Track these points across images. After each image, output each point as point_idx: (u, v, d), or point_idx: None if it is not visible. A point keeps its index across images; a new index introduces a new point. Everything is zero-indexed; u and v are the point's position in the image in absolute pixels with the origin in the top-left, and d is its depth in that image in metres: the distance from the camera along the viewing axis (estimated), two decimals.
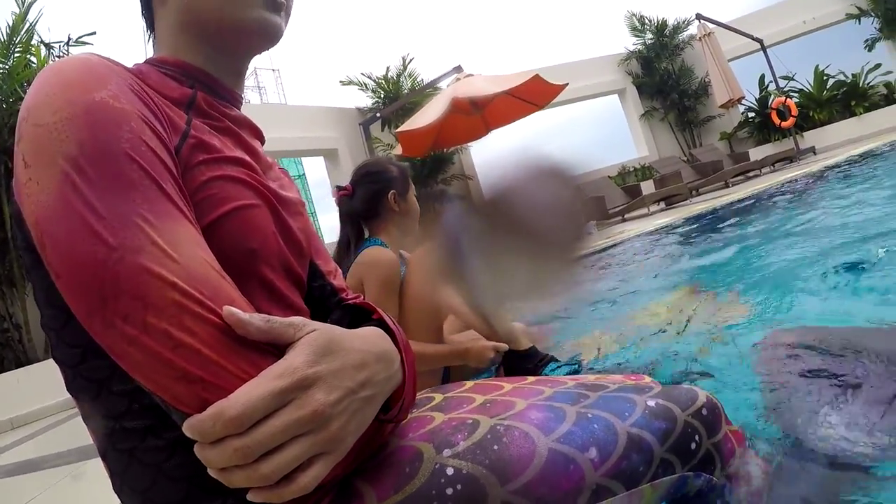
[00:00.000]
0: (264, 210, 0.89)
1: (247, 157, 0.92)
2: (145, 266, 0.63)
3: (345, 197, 2.61)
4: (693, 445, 0.93)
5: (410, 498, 0.79)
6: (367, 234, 2.61)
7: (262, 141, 1.07)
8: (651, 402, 0.96)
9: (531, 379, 1.15)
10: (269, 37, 0.99)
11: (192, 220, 0.74)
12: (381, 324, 0.92)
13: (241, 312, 0.66)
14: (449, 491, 0.78)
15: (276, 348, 0.68)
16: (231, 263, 0.75)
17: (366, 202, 2.58)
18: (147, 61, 0.95)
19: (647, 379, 1.12)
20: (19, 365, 8.94)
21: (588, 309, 3.94)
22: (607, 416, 0.92)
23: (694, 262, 4.77)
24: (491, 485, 0.79)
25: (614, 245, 7.76)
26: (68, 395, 0.82)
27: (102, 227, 0.64)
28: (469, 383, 1.17)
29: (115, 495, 0.82)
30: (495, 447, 0.84)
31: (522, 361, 2.46)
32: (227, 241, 0.80)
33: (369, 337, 0.79)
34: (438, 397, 1.10)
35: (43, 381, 7.79)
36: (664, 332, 2.87)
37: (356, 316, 1.04)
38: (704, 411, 0.98)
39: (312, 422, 0.62)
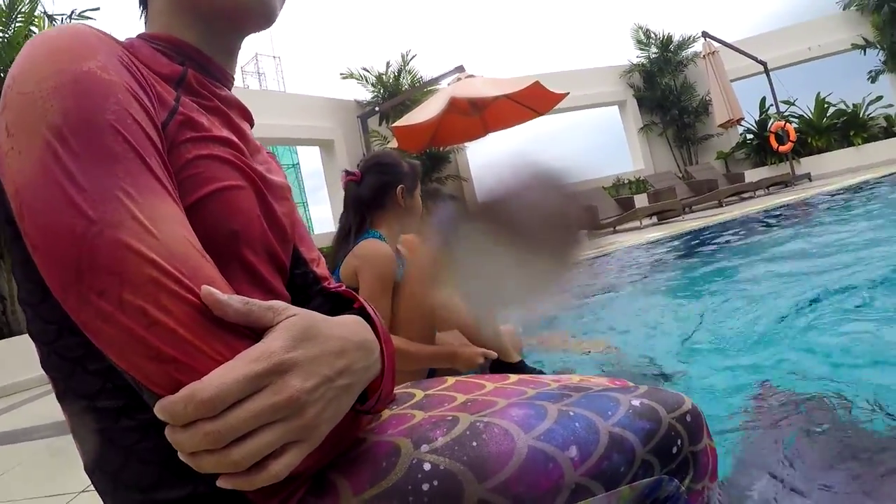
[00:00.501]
0: (249, 192, 0.87)
1: (234, 138, 0.90)
2: (124, 241, 0.61)
3: (352, 182, 2.59)
4: (675, 449, 0.92)
5: (386, 492, 0.77)
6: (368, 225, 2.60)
7: (251, 123, 1.05)
8: (636, 402, 0.94)
9: (514, 378, 1.14)
10: (263, 18, 0.97)
11: (175, 198, 0.72)
12: (362, 312, 0.90)
13: (219, 293, 0.64)
14: (425, 486, 0.77)
15: (253, 332, 0.66)
16: (213, 245, 0.73)
17: (373, 191, 2.55)
18: (139, 36, 0.93)
19: (631, 385, 1.09)
20: (2, 336, 8.94)
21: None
22: (590, 414, 0.90)
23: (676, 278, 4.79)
24: (468, 481, 0.77)
25: (601, 256, 7.78)
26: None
27: (83, 199, 0.62)
28: (450, 380, 1.16)
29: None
30: (474, 443, 0.82)
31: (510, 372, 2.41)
32: (209, 221, 0.78)
33: (349, 325, 0.77)
34: (419, 394, 1.09)
35: (25, 355, 7.67)
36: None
37: (337, 304, 1.02)
38: (689, 417, 0.96)
39: (287, 408, 0.60)
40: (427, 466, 0.79)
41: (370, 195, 2.55)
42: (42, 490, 2.77)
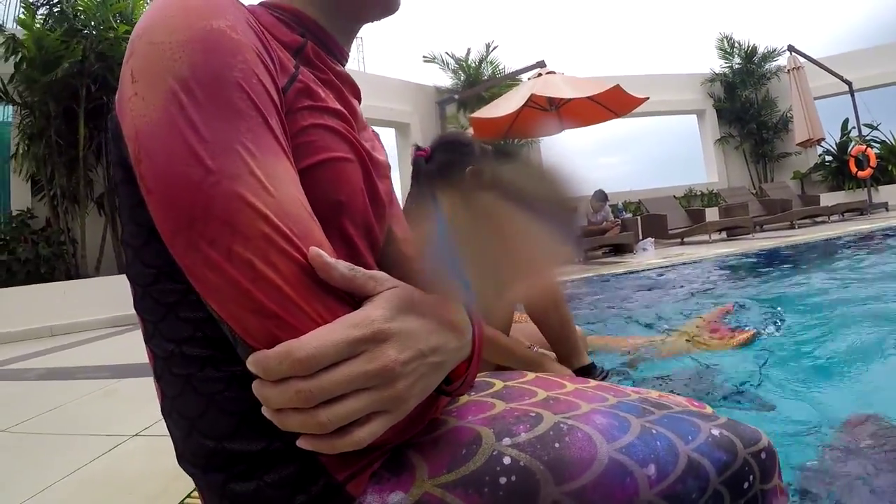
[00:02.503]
0: (356, 166, 0.88)
1: (346, 112, 0.91)
2: (240, 194, 0.63)
3: (421, 158, 2.52)
4: (746, 485, 0.90)
5: (462, 480, 0.76)
6: None
7: (360, 100, 1.06)
8: (715, 431, 0.92)
9: (593, 383, 1.12)
10: (393, 9, 1.01)
11: (291, 160, 0.73)
12: None
13: (326, 256, 0.65)
14: (503, 480, 0.76)
15: (353, 299, 0.67)
16: (317, 212, 0.74)
17: (441, 168, 2.46)
18: (261, 4, 0.95)
19: (710, 409, 1.09)
20: (69, 278, 9.30)
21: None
22: (671, 435, 0.89)
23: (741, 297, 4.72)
24: (546, 482, 0.77)
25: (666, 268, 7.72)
26: (110, 314, 0.81)
27: (203, 149, 0.63)
28: (530, 375, 1.14)
29: (159, 415, 0.84)
30: (556, 445, 0.81)
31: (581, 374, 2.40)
32: (317, 188, 0.78)
33: (446, 304, 0.77)
34: (498, 384, 1.07)
35: (88, 297, 8.05)
36: None
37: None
38: (764, 455, 0.93)
39: (379, 377, 0.61)
40: (507, 460, 0.78)
41: (438, 173, 2.46)
42: (92, 429, 2.84)
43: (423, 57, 16.37)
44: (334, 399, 0.59)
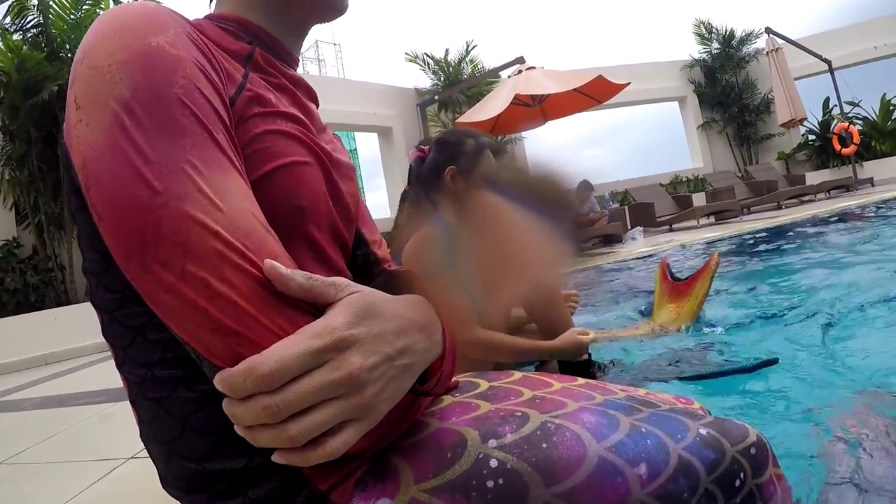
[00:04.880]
0: (316, 168, 0.87)
1: (301, 115, 0.91)
2: (189, 213, 0.62)
3: (419, 160, 2.49)
4: (737, 482, 0.89)
5: (449, 484, 0.76)
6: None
7: (317, 103, 1.06)
8: (703, 431, 0.91)
9: (581, 381, 1.11)
10: (341, 10, 1.01)
11: (242, 172, 0.72)
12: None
13: (282, 267, 0.64)
14: (490, 483, 0.76)
15: (315, 308, 0.66)
16: (278, 220, 0.74)
17: (429, 170, 2.42)
18: (206, 17, 0.95)
19: (697, 405, 1.09)
20: (59, 304, 9.26)
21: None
22: (661, 434, 0.88)
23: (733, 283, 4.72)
24: (534, 484, 0.76)
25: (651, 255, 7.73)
26: (103, 339, 0.81)
27: (149, 170, 0.63)
28: (516, 374, 1.12)
29: (141, 442, 0.83)
30: (544, 445, 0.80)
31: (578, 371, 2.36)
32: (276, 196, 0.79)
33: (412, 304, 0.77)
34: (483, 384, 1.05)
35: (80, 322, 7.99)
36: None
37: (398, 285, 0.98)
38: (753, 450, 0.93)
39: (346, 385, 0.60)
40: (493, 463, 0.77)
41: (426, 175, 2.42)
42: (90, 454, 2.80)
43: (406, 55, 16.41)
44: (303, 411, 0.59)
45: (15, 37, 9.78)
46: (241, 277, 0.62)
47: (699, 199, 14.15)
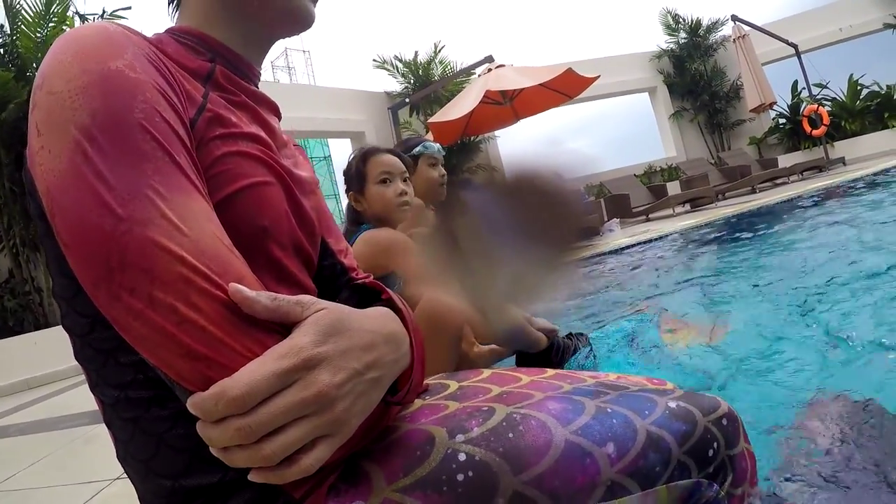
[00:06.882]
0: (278, 188, 0.87)
1: (262, 134, 0.90)
2: (153, 239, 0.62)
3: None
4: (710, 452, 0.91)
5: (420, 482, 0.76)
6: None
7: (279, 117, 1.06)
8: (672, 404, 0.93)
9: (550, 372, 1.13)
10: (306, 25, 1.00)
11: (205, 195, 0.73)
12: (391, 304, 0.91)
13: (247, 290, 0.65)
14: (460, 477, 0.76)
15: (282, 327, 0.67)
16: (242, 240, 0.74)
17: (347, 207, 2.49)
18: (167, 31, 0.94)
19: (670, 385, 1.11)
20: (38, 327, 9.12)
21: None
22: (627, 412, 0.89)
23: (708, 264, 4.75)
24: (504, 473, 0.77)
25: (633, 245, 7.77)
26: None
27: (112, 197, 0.63)
28: (486, 372, 1.14)
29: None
30: (510, 435, 0.81)
31: (539, 361, 2.32)
32: (239, 217, 0.79)
33: (378, 317, 0.78)
34: (453, 385, 1.07)
35: (60, 346, 7.85)
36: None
37: (365, 296, 1.04)
38: (725, 421, 0.95)
39: (316, 403, 0.61)
40: (462, 457, 0.78)
41: (349, 213, 2.49)
42: (76, 477, 2.80)
43: (374, 61, 16.37)
44: (276, 430, 0.59)
45: None
46: (208, 302, 0.63)
47: (674, 188, 14.21)
